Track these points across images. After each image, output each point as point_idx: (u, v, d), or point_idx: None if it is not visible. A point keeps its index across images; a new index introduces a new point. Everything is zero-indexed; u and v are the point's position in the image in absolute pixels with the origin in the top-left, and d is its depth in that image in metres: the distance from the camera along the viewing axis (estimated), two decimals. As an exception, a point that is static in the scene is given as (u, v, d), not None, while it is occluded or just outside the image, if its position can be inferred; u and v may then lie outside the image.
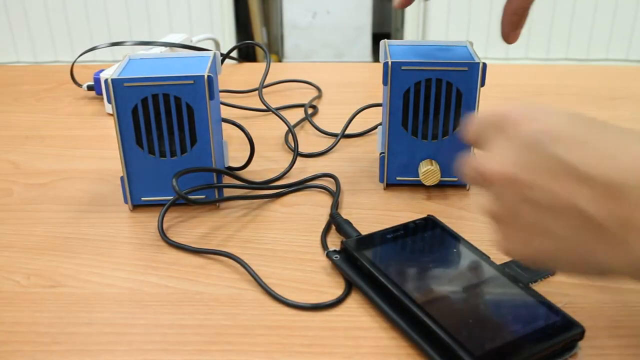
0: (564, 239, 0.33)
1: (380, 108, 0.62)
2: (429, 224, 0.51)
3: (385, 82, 0.57)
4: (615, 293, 0.46)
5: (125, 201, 0.58)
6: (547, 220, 0.34)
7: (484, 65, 0.55)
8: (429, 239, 0.50)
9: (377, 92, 0.87)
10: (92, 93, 0.88)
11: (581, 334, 0.39)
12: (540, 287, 0.46)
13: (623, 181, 0.30)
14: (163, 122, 0.55)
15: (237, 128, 0.64)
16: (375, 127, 0.75)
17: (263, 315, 0.44)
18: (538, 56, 2.38)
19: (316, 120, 0.79)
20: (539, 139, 0.34)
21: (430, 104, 0.57)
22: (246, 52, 2.68)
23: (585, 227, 0.32)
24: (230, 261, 0.50)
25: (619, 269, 0.32)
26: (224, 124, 0.64)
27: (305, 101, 0.84)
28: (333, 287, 0.47)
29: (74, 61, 0.92)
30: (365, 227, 0.53)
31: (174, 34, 0.95)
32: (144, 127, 0.54)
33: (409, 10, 2.31)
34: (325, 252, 0.49)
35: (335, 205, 0.57)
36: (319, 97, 0.87)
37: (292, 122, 0.76)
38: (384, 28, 2.79)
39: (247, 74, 0.98)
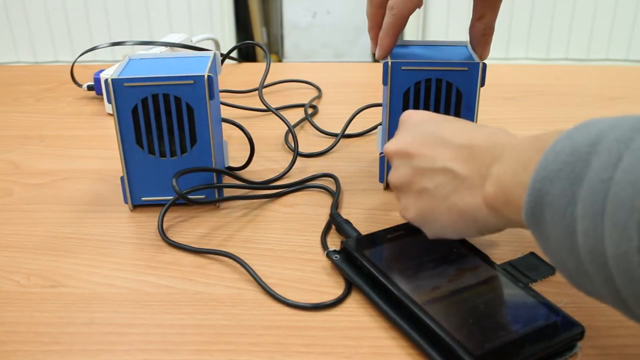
0: (438, 196, 0.44)
1: (380, 108, 0.62)
2: (429, 224, 0.51)
3: (385, 82, 0.57)
4: (615, 293, 0.46)
5: (125, 201, 0.58)
6: (427, 181, 0.44)
7: (484, 65, 0.55)
8: (428, 239, 0.50)
9: (377, 92, 0.87)
10: (92, 93, 0.88)
11: (581, 334, 0.39)
12: (540, 287, 0.46)
13: (479, 147, 0.42)
14: (163, 122, 0.55)
15: (237, 128, 0.64)
16: (375, 127, 0.75)
17: (263, 315, 0.44)
18: (538, 56, 2.38)
19: (316, 120, 0.79)
20: (421, 123, 0.47)
21: (430, 104, 0.57)
22: (246, 52, 2.68)
23: (453, 181, 0.43)
24: (230, 261, 0.50)
25: (476, 212, 0.41)
26: (224, 124, 0.64)
27: (305, 101, 0.84)
28: (333, 287, 0.47)
29: (74, 61, 0.92)
30: (365, 227, 0.53)
31: (174, 34, 0.95)
32: (144, 127, 0.54)
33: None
34: (325, 252, 0.50)
35: (335, 205, 0.57)
36: (319, 97, 0.87)
37: (292, 122, 0.76)
38: (384, 28, 2.79)
39: (247, 74, 0.98)
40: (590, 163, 0.32)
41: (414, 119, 0.49)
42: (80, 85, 0.89)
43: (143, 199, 0.57)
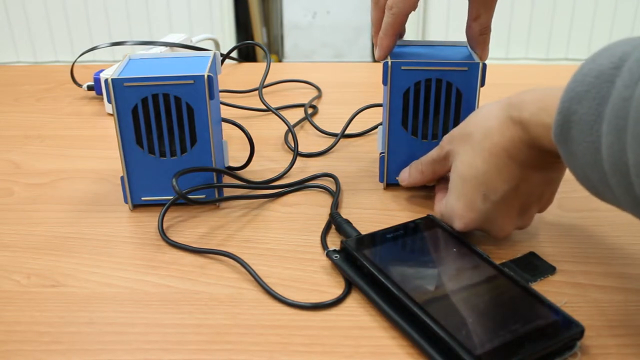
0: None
1: (380, 108, 0.62)
2: (429, 224, 0.51)
3: (385, 82, 0.57)
4: (615, 293, 0.46)
5: (125, 201, 0.58)
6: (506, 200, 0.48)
7: (484, 65, 0.55)
8: (428, 239, 0.50)
9: (377, 92, 0.88)
10: (92, 93, 0.88)
11: (581, 334, 0.39)
12: (540, 287, 0.46)
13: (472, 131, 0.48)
14: (163, 122, 0.55)
15: (237, 128, 0.64)
16: (375, 127, 0.75)
17: (263, 314, 0.44)
18: (538, 56, 2.38)
19: (316, 120, 0.79)
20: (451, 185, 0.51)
21: (430, 104, 0.57)
22: (246, 52, 2.68)
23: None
24: (230, 261, 0.50)
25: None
26: (224, 124, 0.64)
27: (305, 101, 0.84)
28: (333, 287, 0.47)
29: (74, 61, 0.92)
30: (365, 227, 0.53)
31: (174, 34, 0.95)
32: (144, 127, 0.54)
33: (409, 10, 2.29)
34: (325, 251, 0.50)
35: (335, 205, 0.57)
36: (319, 97, 0.87)
37: (292, 122, 0.76)
38: (384, 28, 2.78)
39: (247, 74, 0.98)
40: (615, 84, 0.34)
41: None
42: (80, 85, 0.89)
43: (143, 198, 0.57)
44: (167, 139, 0.55)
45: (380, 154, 0.60)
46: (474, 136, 0.47)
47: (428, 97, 0.57)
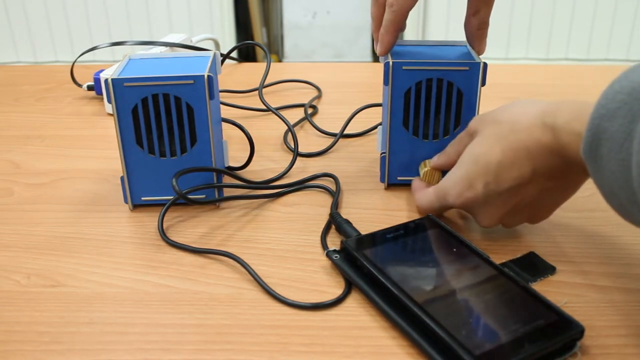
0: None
1: (380, 108, 0.62)
2: (429, 223, 0.51)
3: (386, 82, 0.57)
4: (615, 293, 0.46)
5: (125, 201, 0.58)
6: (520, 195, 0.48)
7: (485, 65, 0.55)
8: (428, 239, 0.50)
9: (377, 92, 0.87)
10: (92, 93, 0.88)
11: (581, 334, 0.39)
12: (540, 287, 0.46)
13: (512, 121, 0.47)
14: (163, 122, 0.55)
15: (237, 128, 0.64)
16: (375, 127, 0.75)
17: (263, 314, 0.44)
18: (538, 56, 2.38)
19: (316, 120, 0.79)
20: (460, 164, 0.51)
21: (431, 103, 0.57)
22: (246, 52, 2.68)
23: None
24: (230, 261, 0.50)
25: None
26: (224, 124, 0.64)
27: (305, 101, 0.84)
28: (333, 287, 0.47)
29: (74, 61, 0.92)
30: (365, 227, 0.53)
31: (174, 34, 0.95)
32: (144, 127, 0.54)
33: (409, 11, 2.29)
34: (325, 251, 0.50)
35: (335, 205, 0.57)
36: (319, 97, 0.87)
37: (292, 122, 0.76)
38: (384, 28, 2.78)
39: (247, 74, 0.98)
40: None
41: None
42: (80, 85, 0.89)
43: (143, 198, 0.57)
44: (167, 139, 0.55)
45: (381, 154, 0.60)
46: (502, 126, 0.47)
47: (429, 96, 0.57)
